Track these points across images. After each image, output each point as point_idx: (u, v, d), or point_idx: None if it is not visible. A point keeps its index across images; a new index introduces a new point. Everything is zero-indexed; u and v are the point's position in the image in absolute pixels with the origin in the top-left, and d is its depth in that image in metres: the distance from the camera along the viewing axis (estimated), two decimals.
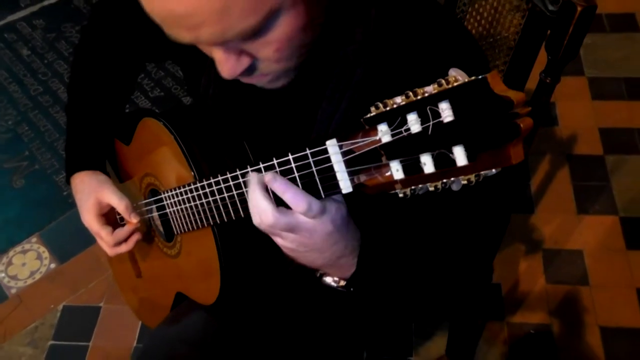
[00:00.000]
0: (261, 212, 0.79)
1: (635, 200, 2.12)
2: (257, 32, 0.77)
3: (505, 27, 1.18)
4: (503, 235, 1.24)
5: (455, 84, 0.58)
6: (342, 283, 0.93)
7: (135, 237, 1.21)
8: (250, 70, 0.85)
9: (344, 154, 0.70)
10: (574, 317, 1.88)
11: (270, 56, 0.82)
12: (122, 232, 1.20)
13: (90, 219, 1.21)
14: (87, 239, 2.13)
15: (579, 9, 0.98)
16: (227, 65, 0.83)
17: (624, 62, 2.51)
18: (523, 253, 2.03)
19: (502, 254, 2.00)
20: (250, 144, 1.04)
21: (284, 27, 0.79)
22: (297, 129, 0.98)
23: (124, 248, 1.21)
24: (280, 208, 0.79)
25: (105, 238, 1.20)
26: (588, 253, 2.01)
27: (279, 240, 0.84)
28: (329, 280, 0.93)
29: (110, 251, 1.22)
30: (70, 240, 2.21)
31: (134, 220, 1.18)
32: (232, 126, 1.07)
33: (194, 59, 1.07)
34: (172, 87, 2.65)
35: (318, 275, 0.94)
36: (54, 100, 2.67)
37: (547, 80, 1.14)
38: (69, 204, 2.30)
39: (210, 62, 1.05)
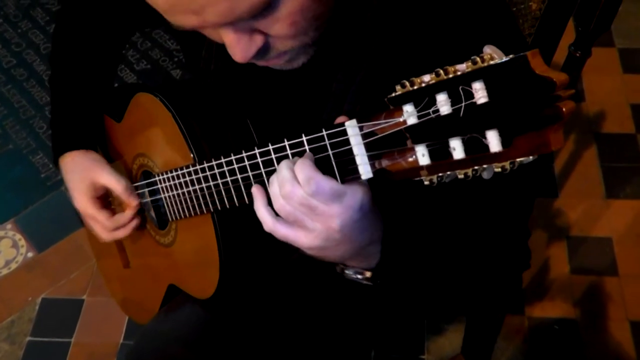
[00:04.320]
0: (281, 180, 0.79)
1: None
2: (268, 4, 0.77)
3: None
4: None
5: (491, 62, 0.58)
6: (368, 274, 0.92)
7: (135, 222, 1.22)
8: (265, 50, 0.85)
9: (364, 136, 0.71)
10: (601, 311, 1.90)
11: (285, 32, 0.82)
12: (123, 216, 1.20)
13: (85, 202, 1.21)
14: (68, 225, 2.17)
15: None
16: (239, 47, 0.82)
17: None
18: (546, 240, 2.04)
19: None
20: (256, 124, 1.05)
21: None
22: (309, 105, 0.98)
23: (122, 233, 1.22)
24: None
25: (103, 222, 1.20)
26: (617, 240, 2.02)
27: (302, 239, 0.82)
28: (351, 273, 0.92)
29: (107, 236, 1.22)
30: (49, 227, 2.22)
31: (134, 202, 1.18)
32: (236, 104, 1.07)
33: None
34: (160, 59, 2.64)
35: (339, 269, 0.93)
36: (29, 74, 2.66)
37: (577, 54, 1.14)
38: (48, 187, 2.30)
39: None
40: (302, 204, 0.78)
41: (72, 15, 1.29)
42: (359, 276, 0.92)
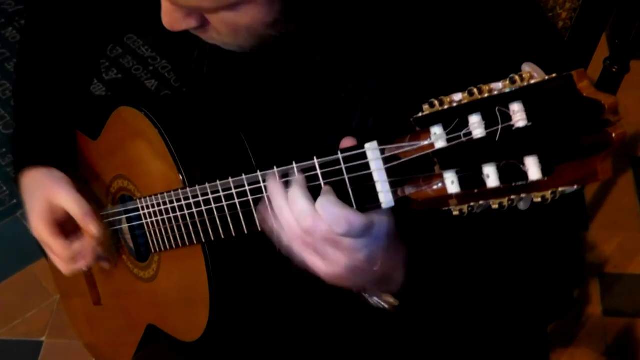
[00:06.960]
0: (299, 213, 0.78)
1: None
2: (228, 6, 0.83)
3: (559, 1, 1.19)
4: None
5: (531, 81, 0.60)
6: (392, 301, 0.92)
7: (97, 250, 1.21)
8: (196, 29, 0.91)
9: (386, 160, 0.73)
10: (637, 358, 1.91)
11: (224, 32, 0.89)
12: (79, 245, 1.20)
13: (40, 226, 1.20)
14: (25, 256, 2.16)
15: None
16: (170, 18, 0.89)
17: None
18: None
19: None
20: (253, 135, 1.06)
21: (252, 15, 0.85)
22: (315, 115, 1.00)
23: (83, 264, 1.21)
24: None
25: (57, 251, 1.20)
26: None
27: (323, 268, 0.82)
28: (375, 301, 0.93)
29: (66, 268, 1.22)
30: (2, 258, 2.23)
31: (92, 229, 1.17)
32: (230, 115, 1.09)
33: None
34: (132, 68, 2.65)
35: (363, 299, 0.94)
36: None
37: (614, 69, 1.16)
38: (1, 213, 2.30)
39: None
40: (326, 239, 0.79)
41: (44, 17, 1.30)
42: (385, 305, 0.93)
